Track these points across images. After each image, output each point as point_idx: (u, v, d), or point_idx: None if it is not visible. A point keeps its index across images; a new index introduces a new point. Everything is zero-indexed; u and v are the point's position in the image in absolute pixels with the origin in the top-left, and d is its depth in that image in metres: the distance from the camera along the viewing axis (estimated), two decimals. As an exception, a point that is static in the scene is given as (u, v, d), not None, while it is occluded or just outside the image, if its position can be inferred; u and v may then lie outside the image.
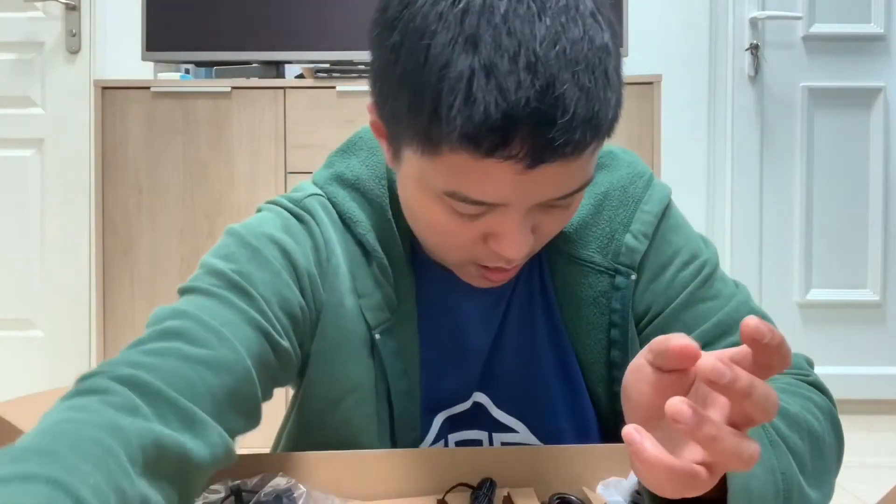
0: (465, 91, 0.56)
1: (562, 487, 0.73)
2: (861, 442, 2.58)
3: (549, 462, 0.74)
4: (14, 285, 2.84)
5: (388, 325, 0.77)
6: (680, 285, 0.80)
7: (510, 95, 0.56)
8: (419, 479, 0.73)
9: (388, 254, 0.78)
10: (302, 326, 0.75)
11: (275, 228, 0.76)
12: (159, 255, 2.26)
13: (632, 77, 2.27)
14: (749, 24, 2.84)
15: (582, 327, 0.81)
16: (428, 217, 0.68)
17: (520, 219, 0.64)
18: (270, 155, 2.28)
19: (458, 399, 0.83)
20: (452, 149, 0.59)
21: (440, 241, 0.70)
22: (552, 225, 0.69)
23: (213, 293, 0.69)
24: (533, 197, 0.63)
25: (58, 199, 2.83)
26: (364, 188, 0.79)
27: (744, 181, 2.89)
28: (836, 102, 2.87)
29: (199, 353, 0.63)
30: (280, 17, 2.34)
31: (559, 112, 0.57)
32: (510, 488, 0.71)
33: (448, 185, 0.62)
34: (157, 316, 0.66)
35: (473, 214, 0.65)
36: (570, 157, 0.59)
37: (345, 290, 0.77)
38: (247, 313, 0.68)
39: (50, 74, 2.82)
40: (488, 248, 0.67)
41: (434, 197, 0.65)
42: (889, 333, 2.90)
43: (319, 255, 0.77)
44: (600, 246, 0.80)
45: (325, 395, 0.78)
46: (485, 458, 0.74)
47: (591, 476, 0.74)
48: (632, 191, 0.81)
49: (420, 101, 0.59)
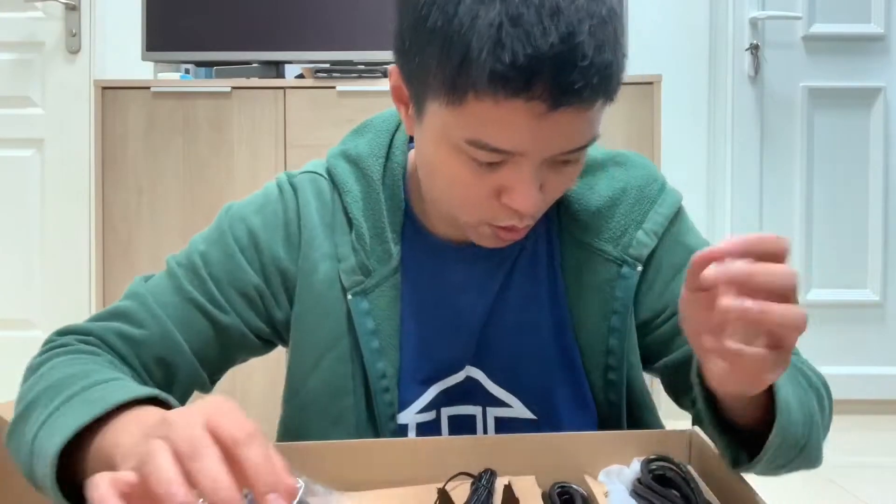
0: (495, 37, 0.62)
1: (563, 476, 0.72)
2: (861, 442, 2.58)
3: (550, 450, 0.74)
4: (14, 285, 2.84)
5: (361, 288, 0.83)
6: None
7: (536, 41, 0.62)
8: (420, 468, 0.72)
9: (374, 224, 0.84)
10: (261, 301, 0.85)
11: (253, 209, 0.87)
12: (159, 255, 2.25)
13: (632, 77, 2.27)
14: (749, 24, 2.84)
15: (585, 311, 0.85)
16: (446, 172, 0.73)
17: (532, 172, 0.69)
18: (270, 155, 2.28)
19: (451, 370, 0.86)
20: (478, 95, 0.65)
21: (457, 197, 0.74)
22: (558, 184, 0.74)
23: (173, 273, 0.85)
24: (547, 146, 0.68)
25: (58, 199, 2.83)
26: (362, 163, 0.86)
27: (744, 181, 2.89)
28: (836, 102, 2.87)
29: (133, 335, 0.81)
30: (280, 17, 2.34)
31: (579, 56, 0.63)
32: (511, 476, 0.71)
33: (471, 133, 0.67)
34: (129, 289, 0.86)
35: (490, 164, 0.69)
36: (586, 103, 0.65)
37: (320, 256, 0.85)
38: (189, 294, 0.83)
39: (50, 74, 2.83)
40: (501, 204, 0.72)
41: (454, 149, 0.70)
42: (889, 333, 2.90)
43: (289, 229, 0.86)
44: (612, 237, 0.85)
45: (306, 356, 0.85)
46: (486, 447, 0.74)
47: (592, 464, 0.74)
48: (647, 192, 0.87)
49: (450, 50, 0.65)
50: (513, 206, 0.71)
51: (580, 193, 0.86)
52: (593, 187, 0.87)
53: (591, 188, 0.87)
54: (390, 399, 0.84)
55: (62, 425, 0.61)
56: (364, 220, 0.84)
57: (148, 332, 0.81)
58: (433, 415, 0.86)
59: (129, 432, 0.58)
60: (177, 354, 0.82)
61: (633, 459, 0.73)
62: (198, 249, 0.86)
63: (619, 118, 2.22)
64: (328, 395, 0.84)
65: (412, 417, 0.85)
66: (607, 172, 0.88)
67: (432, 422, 0.86)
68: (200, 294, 0.84)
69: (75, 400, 0.65)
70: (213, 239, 0.87)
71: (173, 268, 0.86)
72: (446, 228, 0.86)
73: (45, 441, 0.62)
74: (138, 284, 0.86)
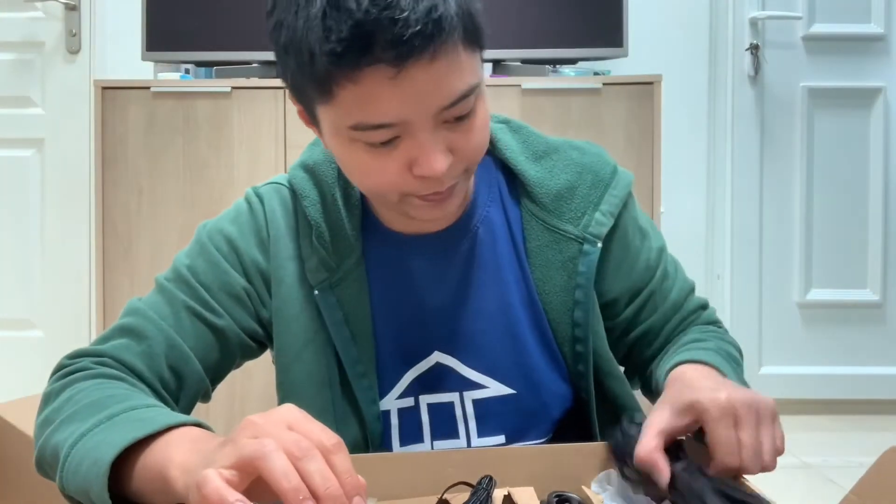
0: (323, 26, 0.69)
1: (561, 486, 0.73)
2: (861, 442, 2.58)
3: (548, 461, 0.74)
4: (14, 285, 2.84)
5: (327, 283, 0.89)
6: (653, 267, 0.96)
7: (353, 14, 0.68)
8: (419, 480, 0.73)
9: (332, 223, 0.90)
10: (249, 301, 0.91)
11: (227, 221, 0.94)
12: (159, 255, 2.26)
13: (632, 77, 2.27)
14: (749, 24, 2.84)
15: (551, 288, 0.92)
16: (355, 165, 0.79)
17: (428, 137, 0.74)
18: (270, 155, 2.28)
19: (420, 355, 0.92)
20: (337, 83, 0.71)
21: (373, 184, 0.80)
22: (465, 142, 0.78)
23: (164, 287, 0.90)
24: (422, 106, 0.72)
25: (58, 199, 2.83)
26: (317, 170, 0.93)
27: (744, 181, 2.89)
28: (836, 102, 2.87)
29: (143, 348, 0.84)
30: (280, 17, 2.33)
31: (396, 11, 0.68)
32: (510, 487, 0.71)
33: (350, 119, 0.73)
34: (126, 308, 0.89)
35: (385, 143, 0.74)
36: (429, 52, 0.70)
37: (287, 257, 0.91)
38: (185, 302, 0.88)
39: (50, 74, 2.83)
40: (415, 177, 0.77)
41: (349, 141, 0.76)
42: (889, 333, 2.90)
43: (261, 234, 0.92)
44: (573, 218, 0.92)
45: (287, 352, 0.90)
46: (484, 458, 0.74)
47: (591, 475, 0.74)
48: (601, 175, 0.94)
49: (300, 55, 0.72)
50: (424, 175, 0.75)
51: (541, 179, 0.93)
52: (552, 171, 0.93)
53: (550, 172, 0.93)
54: (368, 384, 0.90)
55: (110, 440, 0.65)
56: (322, 220, 0.90)
57: (156, 343, 0.85)
58: (411, 401, 0.92)
59: (181, 448, 0.62)
60: (184, 362, 0.86)
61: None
62: (183, 263, 0.91)
63: (619, 118, 2.22)
64: (313, 387, 0.90)
65: (392, 403, 0.91)
66: (564, 155, 0.95)
67: (412, 408, 0.91)
68: (194, 301, 0.88)
69: (119, 419, 0.69)
70: (195, 252, 0.92)
71: (163, 283, 0.90)
72: (401, 222, 0.92)
73: (92, 451, 0.65)
74: (134, 303, 0.89)
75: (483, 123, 0.80)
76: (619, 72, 2.51)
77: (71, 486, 0.66)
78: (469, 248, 0.92)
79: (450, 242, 0.92)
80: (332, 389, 0.90)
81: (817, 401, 2.84)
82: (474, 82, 0.75)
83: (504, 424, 0.91)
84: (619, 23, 2.30)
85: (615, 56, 2.33)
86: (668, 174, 2.51)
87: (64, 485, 0.67)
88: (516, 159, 0.94)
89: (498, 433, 0.91)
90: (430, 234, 0.91)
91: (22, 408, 1.51)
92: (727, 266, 2.89)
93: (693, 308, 1.00)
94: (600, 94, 2.23)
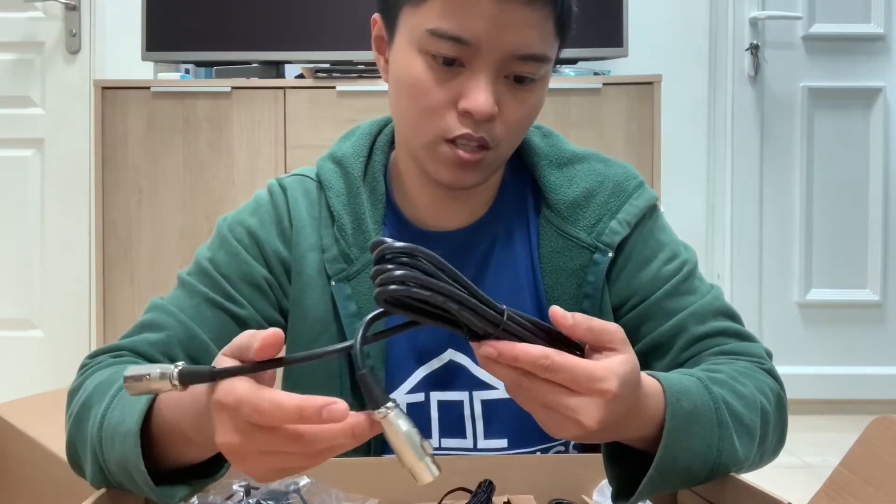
0: None
1: (561, 495, 0.73)
2: (861, 442, 2.58)
3: (548, 469, 0.75)
4: (14, 285, 2.84)
5: (344, 274, 0.90)
6: (664, 278, 0.90)
7: None
8: (419, 486, 0.73)
9: (355, 215, 0.91)
10: (271, 291, 0.91)
11: (247, 213, 0.94)
12: (159, 255, 2.26)
13: (632, 77, 2.27)
14: (749, 24, 2.84)
15: (560, 295, 0.91)
16: (411, 79, 0.81)
17: (486, 76, 0.78)
18: (270, 155, 2.28)
19: (433, 353, 0.91)
20: None
21: (418, 109, 0.82)
22: (513, 109, 0.81)
23: (185, 282, 0.90)
24: (502, 41, 0.77)
25: (58, 199, 2.83)
26: (345, 163, 0.94)
27: (744, 181, 2.89)
28: (836, 102, 2.87)
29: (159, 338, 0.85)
30: (280, 17, 2.34)
31: None
32: (510, 495, 0.72)
33: (433, 23, 0.77)
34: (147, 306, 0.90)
35: (451, 63, 0.78)
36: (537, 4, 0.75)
37: (308, 247, 0.91)
38: (206, 294, 0.88)
39: (50, 74, 2.82)
40: (457, 112, 0.80)
41: (417, 52, 0.80)
42: (889, 333, 2.91)
43: (282, 224, 0.93)
44: (587, 226, 0.91)
45: (300, 342, 0.91)
46: (484, 465, 0.74)
47: (590, 484, 0.74)
48: (625, 186, 0.92)
49: None
50: (467, 108, 0.78)
51: (558, 185, 0.92)
52: (572, 179, 0.92)
53: (569, 180, 0.92)
54: (379, 377, 0.89)
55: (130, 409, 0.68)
56: (345, 213, 0.91)
57: (173, 334, 0.86)
58: (421, 397, 0.91)
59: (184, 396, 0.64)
60: (203, 353, 0.86)
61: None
62: (205, 257, 0.92)
63: (619, 118, 2.22)
64: (322, 377, 0.90)
65: (402, 398, 0.91)
66: (588, 165, 0.94)
67: (421, 403, 0.91)
68: (216, 293, 0.89)
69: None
70: (216, 246, 0.93)
71: (185, 278, 0.91)
72: (427, 216, 0.93)
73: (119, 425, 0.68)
74: (156, 300, 0.91)
75: (534, 104, 0.83)
76: (618, 72, 2.51)
77: (112, 465, 0.69)
78: (487, 249, 0.93)
79: (469, 241, 0.92)
80: (342, 380, 0.90)
81: (817, 401, 2.84)
82: (548, 58, 0.80)
83: (509, 427, 0.91)
84: (619, 23, 2.31)
85: (615, 56, 2.33)
86: (668, 174, 2.51)
87: (108, 468, 0.70)
88: (539, 163, 0.93)
89: (503, 436, 0.91)
90: (452, 230, 0.92)
91: (22, 408, 1.51)
92: (727, 266, 2.89)
93: (711, 331, 0.87)
94: (600, 94, 2.23)
